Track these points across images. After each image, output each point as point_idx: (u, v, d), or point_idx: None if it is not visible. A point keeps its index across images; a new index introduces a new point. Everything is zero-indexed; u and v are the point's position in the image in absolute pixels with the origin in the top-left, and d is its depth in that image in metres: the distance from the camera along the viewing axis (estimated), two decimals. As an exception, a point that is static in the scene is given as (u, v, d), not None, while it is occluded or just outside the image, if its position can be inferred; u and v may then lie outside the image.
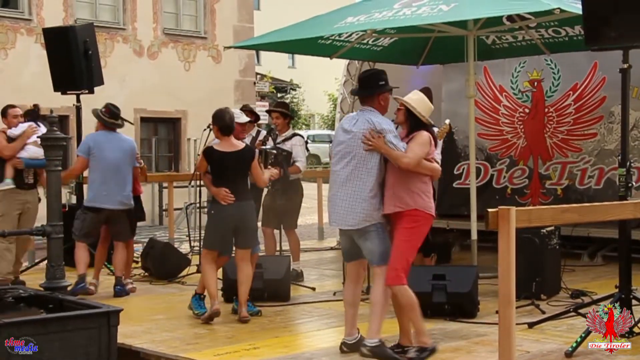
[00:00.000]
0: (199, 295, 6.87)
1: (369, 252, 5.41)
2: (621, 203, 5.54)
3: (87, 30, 9.30)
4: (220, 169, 6.56)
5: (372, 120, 5.40)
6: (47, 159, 5.69)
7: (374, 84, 5.55)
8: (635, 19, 5.61)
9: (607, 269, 8.89)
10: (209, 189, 6.75)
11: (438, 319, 6.50)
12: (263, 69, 28.42)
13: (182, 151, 17.10)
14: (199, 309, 6.79)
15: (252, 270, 6.77)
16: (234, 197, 6.49)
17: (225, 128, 6.55)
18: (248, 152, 6.70)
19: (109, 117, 7.92)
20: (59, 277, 5.51)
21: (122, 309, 4.74)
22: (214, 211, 6.62)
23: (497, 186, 10.46)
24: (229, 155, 6.55)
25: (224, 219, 6.54)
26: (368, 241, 5.38)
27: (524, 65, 10.33)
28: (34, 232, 5.87)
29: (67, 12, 15.18)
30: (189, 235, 10.19)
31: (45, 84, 9.63)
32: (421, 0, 7.76)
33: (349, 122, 5.52)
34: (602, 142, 9.71)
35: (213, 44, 17.24)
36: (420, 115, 5.48)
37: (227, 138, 6.57)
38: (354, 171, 5.38)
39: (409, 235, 5.34)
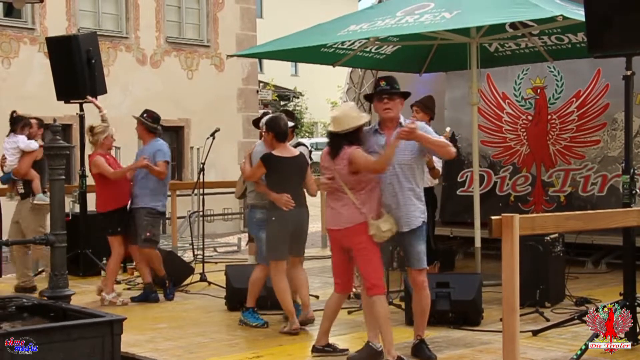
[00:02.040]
0: (252, 309, 6.76)
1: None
2: (625, 210, 5.53)
3: (90, 39, 9.32)
4: (280, 174, 6.47)
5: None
6: (50, 168, 5.69)
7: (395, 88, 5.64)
8: (637, 25, 5.61)
9: (611, 276, 8.87)
10: (268, 195, 6.49)
11: (442, 326, 6.50)
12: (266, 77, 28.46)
13: (185, 159, 17.09)
14: (257, 320, 6.72)
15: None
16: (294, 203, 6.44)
17: (281, 134, 6.52)
18: (303, 158, 6.69)
19: (152, 121, 7.99)
20: (62, 286, 5.50)
21: (126, 318, 4.74)
22: (274, 217, 6.40)
23: (500, 193, 10.45)
24: (288, 160, 6.51)
25: (286, 225, 6.42)
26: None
27: (527, 73, 10.34)
28: (38, 240, 5.86)
29: (70, 21, 15.21)
30: (192, 244, 10.18)
31: (48, 93, 9.65)
32: (424, 7, 7.77)
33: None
34: (605, 149, 9.70)
35: (216, 52, 17.26)
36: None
37: (283, 144, 6.54)
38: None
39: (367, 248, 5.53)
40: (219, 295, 7.92)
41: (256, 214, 6.77)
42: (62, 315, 4.93)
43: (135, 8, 16.16)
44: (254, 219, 6.81)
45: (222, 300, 7.62)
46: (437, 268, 7.88)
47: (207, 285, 8.71)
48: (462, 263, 10.09)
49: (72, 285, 6.16)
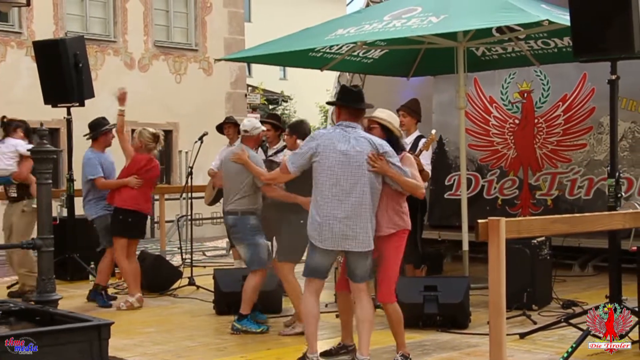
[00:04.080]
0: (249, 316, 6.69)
1: (366, 270, 5.39)
2: (610, 213, 5.57)
3: (77, 43, 9.30)
4: (304, 178, 6.17)
5: (374, 140, 5.32)
6: (37, 172, 5.68)
7: (363, 100, 5.50)
8: (622, 30, 5.66)
9: (598, 279, 8.92)
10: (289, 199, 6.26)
11: (430, 330, 6.52)
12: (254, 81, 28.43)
13: (173, 163, 17.09)
14: (260, 326, 6.69)
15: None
16: None
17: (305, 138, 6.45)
18: None
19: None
20: (49, 290, 5.48)
21: (113, 322, 4.72)
22: (303, 220, 5.79)
23: (487, 197, 10.50)
24: None
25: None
26: (368, 260, 5.37)
27: (514, 77, 10.39)
28: (25, 245, 5.84)
29: (57, 25, 15.19)
30: (181, 248, 10.17)
31: (36, 97, 9.63)
32: (411, 12, 7.81)
33: (344, 141, 5.28)
34: (592, 152, 9.76)
35: (204, 56, 17.27)
36: (397, 130, 5.53)
37: None
38: (365, 191, 5.24)
39: (398, 254, 5.45)
40: (207, 299, 7.92)
41: (250, 220, 6.65)
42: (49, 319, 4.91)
43: (123, 12, 16.15)
44: (247, 225, 6.64)
45: (211, 304, 7.62)
46: (425, 271, 7.91)
47: (195, 289, 8.70)
48: (450, 266, 10.12)
49: (60, 289, 6.15)
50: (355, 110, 5.44)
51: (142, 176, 7.82)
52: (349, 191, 5.24)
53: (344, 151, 5.26)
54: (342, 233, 5.25)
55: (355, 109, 5.43)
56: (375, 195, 5.32)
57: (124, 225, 7.81)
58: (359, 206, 5.24)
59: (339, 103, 5.51)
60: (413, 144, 7.64)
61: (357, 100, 5.45)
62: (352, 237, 5.26)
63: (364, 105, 5.48)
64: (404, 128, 7.82)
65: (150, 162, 7.89)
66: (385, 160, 5.27)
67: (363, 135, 5.35)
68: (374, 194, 5.30)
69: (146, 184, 7.90)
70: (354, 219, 5.23)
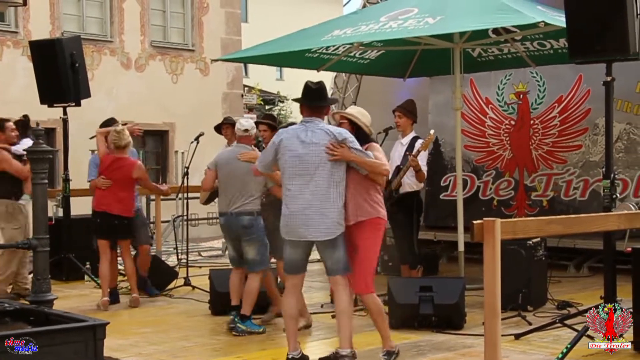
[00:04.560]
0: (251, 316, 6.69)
1: (336, 261, 5.41)
2: (605, 215, 5.58)
3: (73, 43, 9.29)
4: None
5: (331, 130, 5.43)
6: (33, 172, 5.67)
7: (325, 96, 5.62)
8: (617, 32, 5.67)
9: (593, 280, 8.93)
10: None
11: (425, 330, 6.53)
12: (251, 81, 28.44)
13: (170, 164, 17.08)
14: (259, 327, 6.69)
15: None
16: None
17: None
18: None
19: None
20: (45, 290, 5.47)
21: (109, 323, 4.73)
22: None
23: (483, 198, 10.52)
24: None
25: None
26: (337, 251, 5.40)
27: (510, 78, 10.42)
28: (20, 245, 5.84)
29: (54, 24, 15.17)
30: (177, 248, 10.17)
31: (32, 97, 9.61)
32: (408, 13, 7.82)
33: (303, 134, 5.42)
34: (587, 154, 9.79)
35: (201, 57, 17.26)
36: (365, 126, 5.58)
37: None
38: (322, 182, 5.34)
39: (373, 244, 5.45)
40: (203, 300, 7.91)
41: (261, 220, 6.72)
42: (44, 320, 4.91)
43: (120, 12, 16.14)
44: (260, 225, 6.70)
45: (206, 304, 7.62)
46: (421, 272, 7.91)
47: (191, 290, 8.70)
48: (446, 267, 10.13)
49: (55, 289, 6.15)
50: (316, 106, 5.55)
51: (108, 176, 7.84)
52: (307, 182, 5.36)
53: (303, 145, 5.40)
54: (303, 223, 5.37)
55: (316, 105, 5.55)
56: (336, 185, 5.37)
57: (93, 226, 8.05)
58: (317, 196, 5.33)
59: (300, 101, 5.64)
60: (409, 144, 7.65)
61: (317, 97, 5.56)
62: (313, 226, 5.34)
63: (324, 102, 5.59)
64: (400, 129, 7.85)
65: (117, 162, 7.85)
66: (347, 147, 5.33)
67: (321, 127, 5.44)
68: (334, 184, 5.36)
69: (116, 183, 7.85)
70: (313, 209, 5.33)
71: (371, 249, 5.45)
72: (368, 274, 5.43)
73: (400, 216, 7.70)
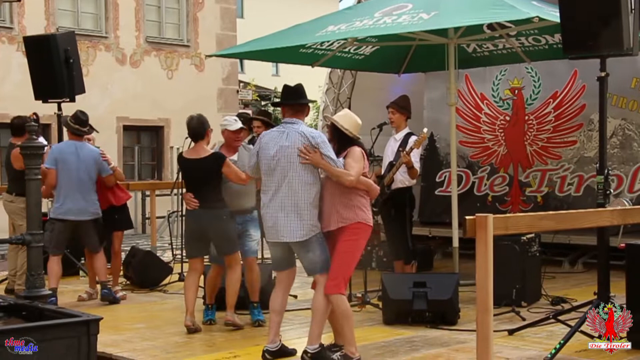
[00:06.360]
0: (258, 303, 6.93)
1: (311, 262, 5.44)
2: (597, 210, 5.58)
3: (68, 39, 9.26)
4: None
5: (305, 133, 5.43)
6: (27, 167, 5.66)
7: (304, 96, 5.64)
8: (611, 27, 5.67)
9: (587, 275, 8.94)
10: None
11: (419, 326, 6.54)
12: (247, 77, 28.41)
13: (164, 159, 17.07)
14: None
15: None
16: None
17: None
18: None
19: (74, 122, 7.90)
20: (38, 286, 5.47)
21: (102, 318, 4.73)
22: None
23: (478, 194, 10.52)
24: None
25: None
26: (310, 252, 5.42)
27: (505, 74, 10.41)
28: (14, 240, 5.83)
29: (48, 20, 15.15)
30: (172, 244, 10.16)
31: (27, 93, 9.59)
32: (402, 8, 7.81)
33: (280, 136, 5.48)
34: (582, 149, 9.79)
35: (196, 52, 17.25)
36: (347, 130, 5.53)
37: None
38: (294, 184, 5.37)
39: (350, 247, 5.42)
40: (197, 296, 7.89)
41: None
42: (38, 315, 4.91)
43: (115, 7, 16.11)
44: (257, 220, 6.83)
45: (201, 300, 7.61)
46: (415, 268, 7.92)
47: (185, 285, 8.69)
48: (441, 263, 10.14)
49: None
50: (296, 105, 5.58)
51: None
52: (280, 184, 5.42)
53: (278, 147, 5.45)
54: (274, 224, 5.44)
55: (295, 104, 5.58)
56: (309, 187, 5.39)
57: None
58: (289, 198, 5.38)
59: (278, 102, 5.71)
60: (403, 140, 7.65)
61: (296, 97, 5.60)
62: (285, 228, 5.39)
63: (302, 100, 5.62)
64: (394, 125, 7.84)
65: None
66: (319, 152, 5.35)
67: (297, 129, 5.45)
68: (306, 186, 5.38)
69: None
70: (286, 211, 5.37)
71: (348, 252, 5.40)
72: (340, 274, 5.38)
73: (392, 212, 7.71)
